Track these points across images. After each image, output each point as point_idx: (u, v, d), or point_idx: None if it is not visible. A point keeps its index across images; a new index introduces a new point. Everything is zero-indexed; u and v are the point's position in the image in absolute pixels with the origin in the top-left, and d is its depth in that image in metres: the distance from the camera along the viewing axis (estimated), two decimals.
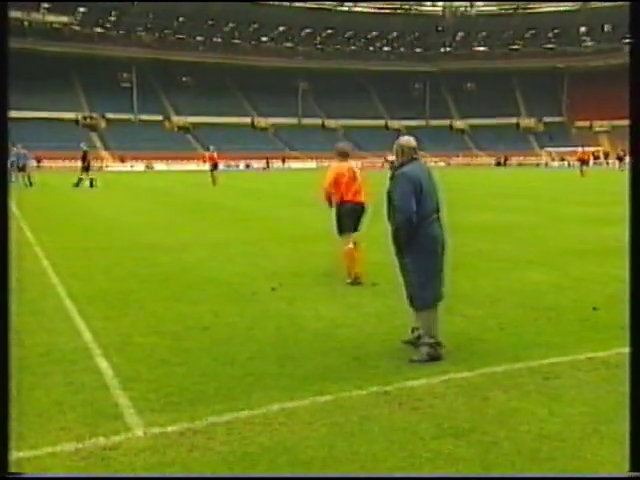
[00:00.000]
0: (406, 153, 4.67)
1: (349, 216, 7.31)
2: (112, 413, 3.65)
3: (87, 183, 25.44)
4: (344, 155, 7.50)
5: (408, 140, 4.72)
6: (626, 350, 4.70)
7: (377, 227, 7.13)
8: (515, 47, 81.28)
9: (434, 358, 4.47)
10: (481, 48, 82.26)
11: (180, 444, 3.27)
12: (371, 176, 9.00)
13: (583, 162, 38.53)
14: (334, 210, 7.39)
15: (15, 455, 3.11)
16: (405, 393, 3.90)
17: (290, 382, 4.11)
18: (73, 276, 7.64)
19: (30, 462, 3.06)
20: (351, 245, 7.25)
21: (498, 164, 64.40)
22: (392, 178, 4.68)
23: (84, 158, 25.93)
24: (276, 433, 3.39)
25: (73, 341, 5.05)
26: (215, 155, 28.61)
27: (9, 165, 24.69)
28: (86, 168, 25.90)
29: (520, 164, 65.70)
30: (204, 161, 31.23)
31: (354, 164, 7.79)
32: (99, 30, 70.40)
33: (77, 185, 25.61)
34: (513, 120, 79.75)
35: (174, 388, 4.02)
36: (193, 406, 3.74)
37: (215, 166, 28.49)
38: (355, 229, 7.37)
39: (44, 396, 3.88)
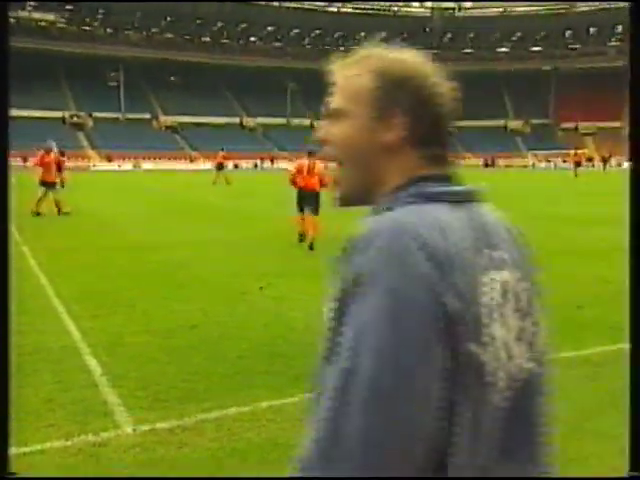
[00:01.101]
0: None
1: (301, 198, 10.15)
2: (101, 410, 3.67)
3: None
4: (309, 154, 10.02)
5: None
6: (609, 348, 4.80)
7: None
8: (502, 49, 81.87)
9: None
10: (468, 50, 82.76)
11: (169, 441, 3.29)
12: None
13: (577, 164, 39.52)
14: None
15: (18, 450, 3.12)
16: None
17: (279, 380, 4.14)
18: (60, 275, 7.62)
19: (19, 459, 3.07)
20: (299, 217, 10.31)
21: (486, 165, 64.78)
22: None
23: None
24: (265, 430, 3.42)
25: (62, 340, 5.05)
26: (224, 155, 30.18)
27: None
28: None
29: (507, 166, 66.14)
30: (219, 161, 29.93)
31: (318, 161, 9.52)
32: (86, 28, 69.96)
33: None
34: (501, 122, 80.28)
35: (163, 386, 4.04)
36: (182, 404, 3.76)
37: (221, 166, 29.51)
38: (302, 209, 10.17)
39: (33, 394, 3.89)
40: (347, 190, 1.01)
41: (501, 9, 75.60)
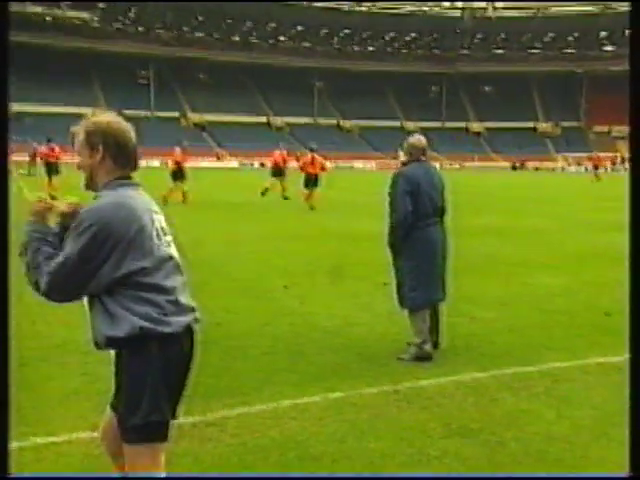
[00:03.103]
0: (413, 154, 4.67)
1: (308, 179, 17.00)
2: None
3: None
4: (311, 150, 17.91)
5: (417, 140, 4.69)
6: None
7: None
8: (534, 50, 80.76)
9: (420, 358, 4.48)
10: (499, 51, 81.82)
11: (192, 435, 3.33)
12: (382, 176, 9.05)
13: (597, 167, 39.05)
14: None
15: (33, 440, 3.20)
16: (415, 392, 3.94)
17: (301, 378, 4.16)
18: None
19: (48, 448, 3.15)
20: (306, 192, 16.94)
21: (514, 168, 64.04)
22: (392, 178, 4.69)
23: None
24: (287, 428, 3.45)
25: (88, 333, 5.13)
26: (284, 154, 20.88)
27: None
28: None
29: (536, 168, 65.28)
30: (276, 162, 20.65)
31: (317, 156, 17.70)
32: (119, 27, 70.92)
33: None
34: (530, 124, 79.26)
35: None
36: (205, 399, 3.80)
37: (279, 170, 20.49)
38: (307, 186, 16.96)
39: (61, 385, 3.97)
40: (88, 184, 2.18)
41: (534, 10, 74.56)
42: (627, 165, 58.29)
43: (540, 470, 2.99)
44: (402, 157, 5.02)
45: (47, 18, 64.68)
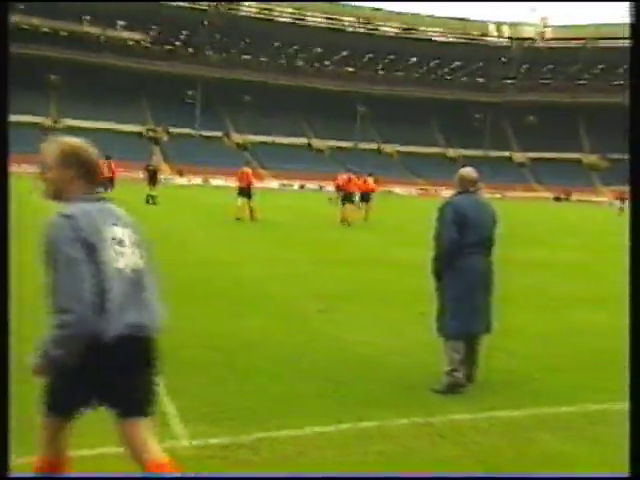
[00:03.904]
0: (462, 184, 4.76)
1: (345, 196, 19.52)
2: (159, 421, 3.75)
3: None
4: (348, 170, 20.81)
5: (467, 172, 4.78)
6: None
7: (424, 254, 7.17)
8: (582, 82, 79.74)
9: (452, 386, 4.44)
10: (546, 81, 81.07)
11: (223, 457, 3.34)
12: (425, 203, 9.02)
13: (622, 199, 37.60)
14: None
15: (76, 453, 3.24)
16: (448, 426, 3.87)
17: (333, 405, 4.13)
18: None
19: (76, 463, 3.18)
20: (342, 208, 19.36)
21: (557, 199, 62.92)
22: (440, 207, 4.77)
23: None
24: (318, 455, 3.42)
25: None
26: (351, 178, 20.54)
27: None
28: None
29: (580, 200, 64.02)
30: (341, 186, 20.44)
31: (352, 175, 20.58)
32: (169, 47, 73.00)
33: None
34: (575, 155, 77.99)
35: (221, 402, 4.10)
36: (238, 420, 3.81)
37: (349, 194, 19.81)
38: (344, 203, 19.47)
39: None
40: (50, 195, 2.45)
41: (583, 41, 73.78)
42: None
43: None
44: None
45: (101, 37, 67.04)
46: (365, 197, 21.25)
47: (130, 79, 68.82)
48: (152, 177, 23.56)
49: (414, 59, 78.02)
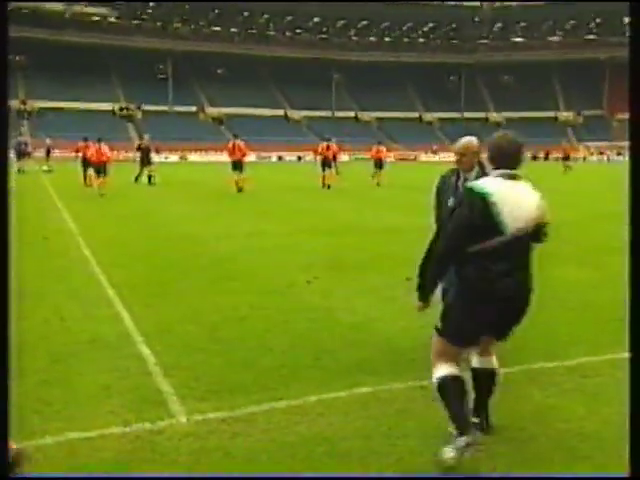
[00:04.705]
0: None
1: (324, 163, 21.77)
2: (156, 399, 3.78)
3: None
4: (326, 140, 22.98)
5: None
6: None
7: (418, 221, 7.20)
8: (555, 38, 79.57)
9: None
10: (519, 39, 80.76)
11: (222, 431, 3.37)
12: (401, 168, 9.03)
13: (566, 158, 34.72)
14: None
15: (67, 436, 3.26)
16: None
17: (326, 374, 4.18)
18: (114, 265, 7.84)
19: (83, 443, 3.21)
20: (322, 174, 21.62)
21: (534, 158, 63.28)
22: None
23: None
24: (314, 424, 3.47)
25: (115, 327, 5.22)
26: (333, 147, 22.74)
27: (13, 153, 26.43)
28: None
29: (557, 158, 64.51)
30: (319, 153, 22.49)
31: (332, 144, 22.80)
32: (136, 22, 71.26)
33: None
34: (551, 113, 78.24)
35: (213, 377, 4.13)
36: (232, 395, 3.84)
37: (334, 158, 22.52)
38: (324, 169, 21.69)
39: (92, 381, 4.04)
40: None
41: None
42: None
43: (572, 467, 2.98)
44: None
45: (66, 15, 65.19)
46: (378, 164, 23.85)
47: (98, 56, 67.26)
48: (146, 156, 23.37)
49: (386, 23, 77.11)
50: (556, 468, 2.97)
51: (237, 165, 20.05)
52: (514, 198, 2.99)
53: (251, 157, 57.99)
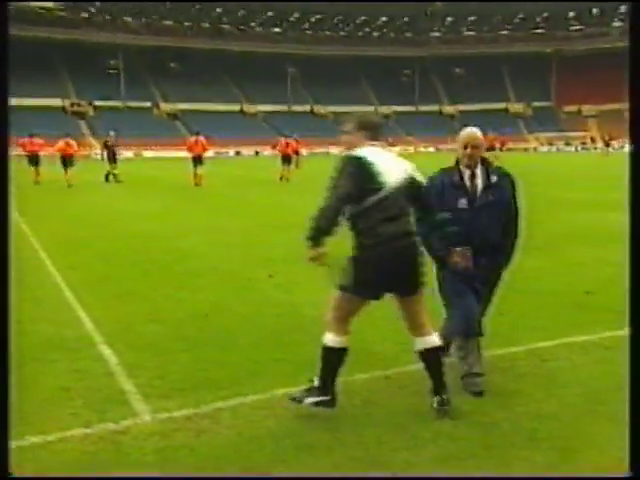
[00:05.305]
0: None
1: (284, 159, 22.56)
2: (119, 399, 3.72)
3: None
4: (285, 136, 23.80)
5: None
6: (619, 333, 4.83)
7: None
8: (504, 32, 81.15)
9: (473, 392, 3.70)
10: (470, 33, 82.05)
11: (187, 428, 3.34)
12: None
13: (491, 148, 31.94)
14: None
15: (29, 440, 3.18)
16: (406, 377, 3.99)
17: (293, 367, 4.18)
18: (71, 266, 7.67)
19: (42, 447, 3.13)
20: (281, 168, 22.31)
21: (489, 149, 64.41)
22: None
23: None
24: (281, 417, 3.47)
25: (75, 330, 5.10)
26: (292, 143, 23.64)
27: None
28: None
29: (509, 149, 65.85)
30: (281, 149, 23.11)
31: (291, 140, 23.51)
32: (85, 15, 69.50)
33: None
34: (502, 105, 79.82)
35: (178, 375, 4.09)
36: (198, 392, 3.81)
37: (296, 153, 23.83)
38: (283, 164, 22.55)
39: (50, 383, 3.94)
40: None
41: None
42: (598, 145, 59.09)
43: (532, 449, 3.06)
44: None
45: (10, 7, 63.08)
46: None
47: (46, 51, 65.38)
48: (112, 154, 23.15)
49: (340, 17, 77.25)
50: (517, 450, 3.05)
51: (197, 160, 20.17)
52: (387, 160, 3.41)
53: (209, 152, 57.63)
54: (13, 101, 58.02)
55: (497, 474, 2.89)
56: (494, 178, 3.75)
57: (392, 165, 3.41)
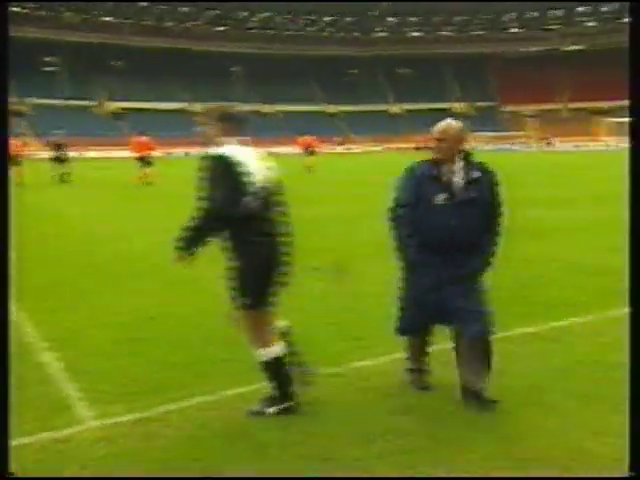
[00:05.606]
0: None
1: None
2: (63, 406, 3.62)
3: None
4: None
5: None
6: (557, 324, 5.02)
7: (328, 211, 7.27)
8: (444, 33, 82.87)
9: (418, 387, 3.81)
10: (415, 34, 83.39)
11: (135, 433, 3.29)
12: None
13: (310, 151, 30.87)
14: None
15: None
16: (355, 374, 4.04)
17: (242, 367, 4.16)
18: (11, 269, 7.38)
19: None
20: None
21: (417, 149, 65.44)
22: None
23: None
24: (231, 418, 3.46)
25: (16, 336, 4.92)
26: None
27: None
28: None
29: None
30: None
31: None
32: (17, 10, 66.98)
33: None
34: (447, 105, 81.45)
35: (125, 379, 4.01)
36: (145, 395, 3.75)
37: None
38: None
39: None
40: None
41: None
42: (537, 144, 61.09)
43: (478, 439, 3.15)
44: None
45: None
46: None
47: None
48: (64, 154, 22.84)
49: (286, 17, 77.16)
50: (463, 441, 3.14)
51: (144, 160, 20.06)
52: (252, 157, 3.36)
53: (155, 152, 56.59)
54: None
55: (496, 475, 2.86)
56: (476, 174, 3.54)
57: (259, 164, 3.37)
